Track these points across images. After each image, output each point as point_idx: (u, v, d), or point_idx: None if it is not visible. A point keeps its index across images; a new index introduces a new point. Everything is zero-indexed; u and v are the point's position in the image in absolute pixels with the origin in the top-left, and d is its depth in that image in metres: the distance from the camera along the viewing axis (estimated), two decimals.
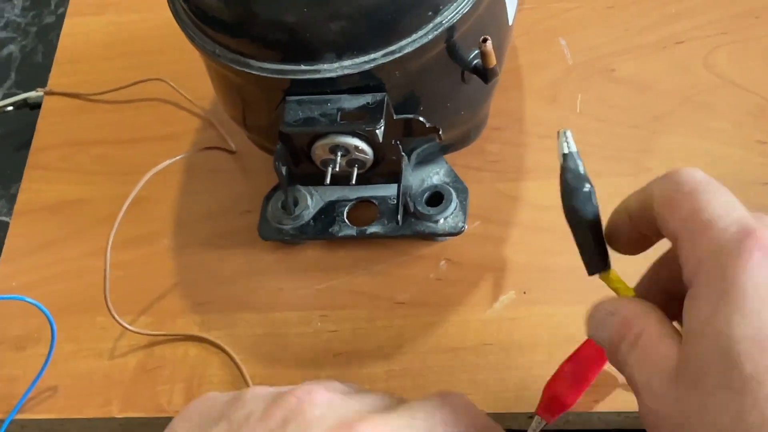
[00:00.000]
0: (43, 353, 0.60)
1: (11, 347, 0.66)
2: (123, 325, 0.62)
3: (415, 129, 0.57)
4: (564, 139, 0.47)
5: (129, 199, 0.63)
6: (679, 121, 0.66)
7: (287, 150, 0.58)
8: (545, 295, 0.60)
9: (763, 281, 0.40)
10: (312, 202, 0.64)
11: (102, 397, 0.62)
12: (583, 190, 0.46)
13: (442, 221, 0.62)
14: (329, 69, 0.54)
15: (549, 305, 0.60)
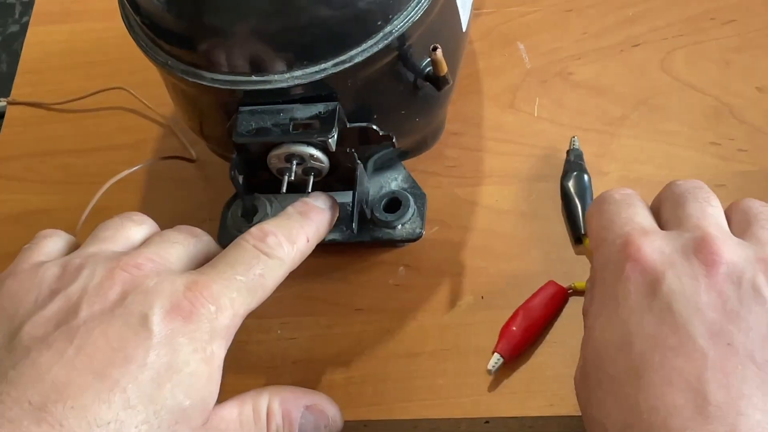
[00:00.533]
0: None
1: None
2: None
3: (370, 137, 0.58)
4: (572, 141, 0.65)
5: (88, 209, 0.63)
6: (636, 124, 0.66)
7: (243, 159, 0.59)
8: (502, 300, 0.60)
9: (633, 290, 0.45)
10: (271, 209, 0.64)
11: None
12: (574, 173, 0.63)
13: (399, 227, 0.63)
14: (280, 80, 0.54)
15: (506, 310, 0.60)
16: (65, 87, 0.76)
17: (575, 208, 0.62)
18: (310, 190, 0.59)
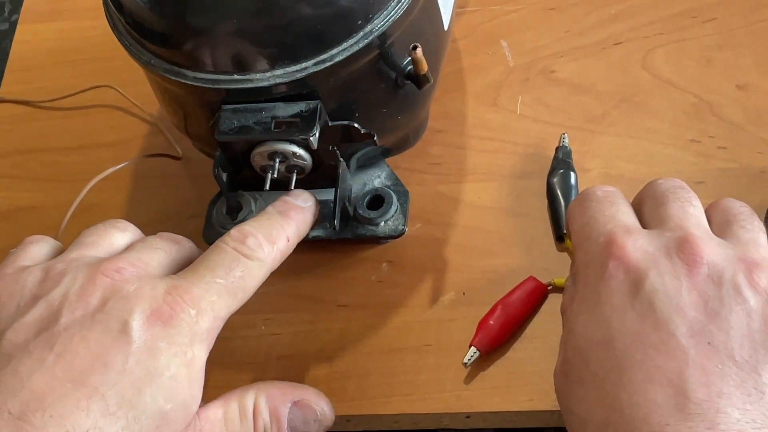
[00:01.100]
0: None
1: None
2: None
3: (352, 135, 0.58)
4: (562, 138, 0.65)
5: (73, 207, 0.64)
6: (618, 122, 0.67)
7: (226, 157, 0.59)
8: (484, 296, 0.61)
9: (615, 288, 0.45)
10: (255, 207, 0.65)
11: None
12: (561, 171, 0.63)
13: (382, 224, 0.63)
14: (262, 78, 0.54)
15: (488, 306, 0.60)
16: (54, 85, 0.77)
17: (559, 206, 0.63)
18: (293, 187, 0.59)
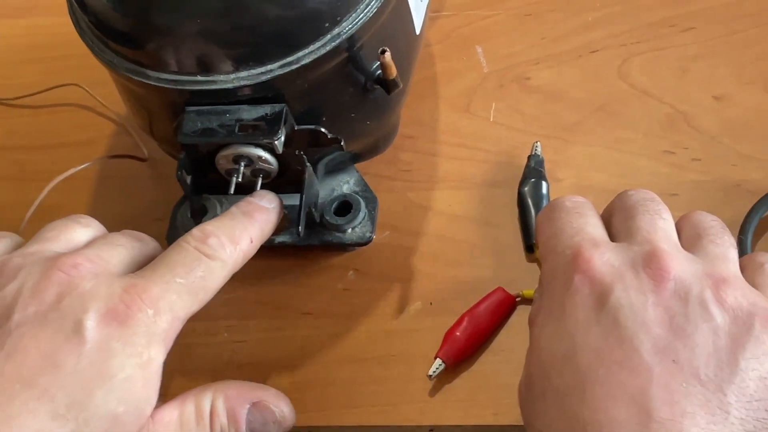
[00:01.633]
0: None
1: None
2: None
3: (319, 140, 0.57)
4: (534, 147, 0.64)
5: (34, 206, 0.63)
6: (591, 131, 0.66)
7: (191, 159, 0.58)
8: (451, 306, 0.60)
9: (580, 303, 0.44)
10: (221, 210, 0.63)
11: None
12: (532, 180, 0.62)
13: (350, 231, 0.62)
14: (226, 80, 0.53)
15: (455, 316, 0.59)
16: (21, 82, 0.76)
17: (530, 215, 0.62)
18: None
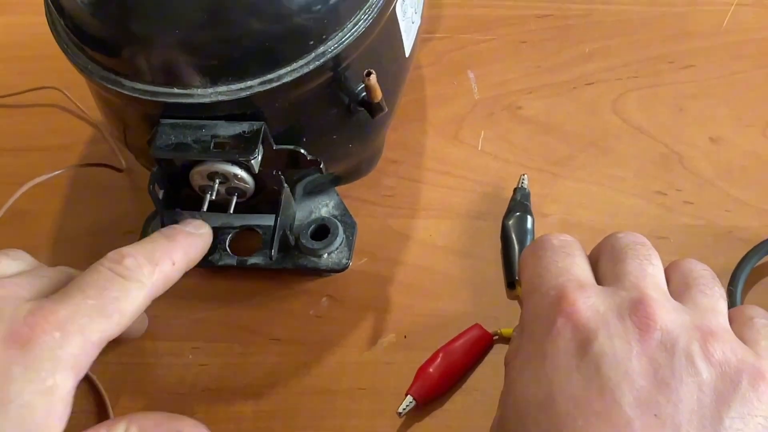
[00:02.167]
0: None
1: None
2: None
3: (297, 160, 0.55)
4: (521, 180, 0.62)
5: (1, 211, 0.61)
6: (582, 166, 0.64)
7: (164, 173, 0.56)
8: (426, 341, 0.58)
9: (562, 347, 0.43)
10: None
11: None
12: (517, 213, 0.60)
13: (326, 256, 0.60)
14: (203, 94, 0.51)
15: (430, 351, 0.57)
16: None
17: (513, 250, 0.60)
18: (232, 210, 0.56)
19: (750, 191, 0.62)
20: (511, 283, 0.59)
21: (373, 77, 0.52)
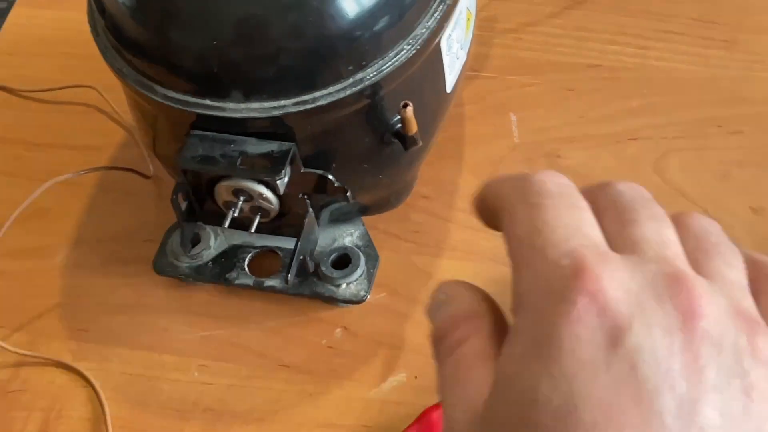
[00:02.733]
0: None
1: None
2: None
3: (324, 186, 0.54)
4: None
5: (22, 206, 0.59)
6: None
7: (189, 184, 0.55)
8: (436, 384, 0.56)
9: (585, 337, 0.32)
10: (215, 242, 0.60)
11: None
12: None
13: (344, 286, 0.58)
14: (235, 109, 0.50)
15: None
16: (37, 75, 0.73)
17: None
18: (253, 230, 0.55)
19: None
20: None
21: (410, 109, 0.51)
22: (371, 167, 0.55)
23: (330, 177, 0.53)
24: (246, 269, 0.60)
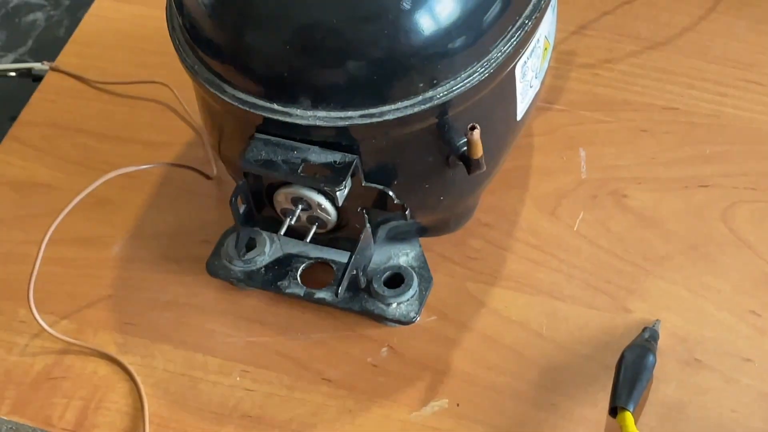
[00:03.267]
0: None
1: None
2: (41, 324, 0.59)
3: (384, 202, 0.53)
4: (655, 323, 0.58)
5: (82, 194, 0.60)
6: (678, 269, 0.60)
7: (249, 189, 0.55)
8: (478, 413, 0.55)
9: None
10: (270, 249, 0.60)
11: None
12: (639, 348, 0.56)
13: (394, 306, 0.58)
14: (302, 116, 0.50)
15: (479, 425, 0.55)
16: (111, 67, 0.73)
17: (626, 380, 0.55)
18: (309, 239, 0.55)
19: None
20: (613, 410, 0.54)
21: (477, 132, 0.50)
22: (433, 188, 0.55)
23: (390, 193, 0.53)
24: (298, 279, 0.59)
